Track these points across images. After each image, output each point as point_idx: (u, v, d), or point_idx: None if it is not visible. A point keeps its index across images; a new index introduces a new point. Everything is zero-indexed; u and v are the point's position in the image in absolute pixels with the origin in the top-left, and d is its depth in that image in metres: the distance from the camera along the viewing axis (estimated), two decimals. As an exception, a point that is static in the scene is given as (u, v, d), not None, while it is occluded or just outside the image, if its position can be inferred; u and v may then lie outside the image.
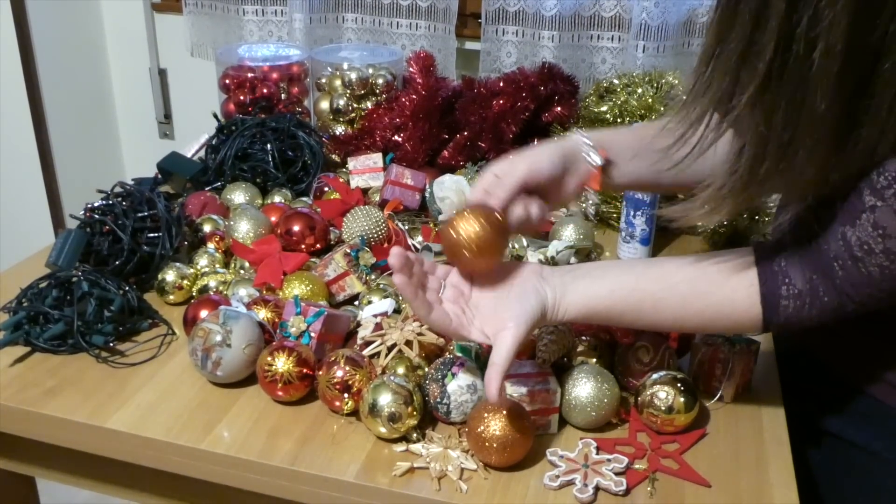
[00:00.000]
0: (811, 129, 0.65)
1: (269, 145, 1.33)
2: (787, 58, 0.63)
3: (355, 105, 1.54)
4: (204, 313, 0.95)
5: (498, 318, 0.78)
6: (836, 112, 0.65)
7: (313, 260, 1.11)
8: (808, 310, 0.75)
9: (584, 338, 0.93)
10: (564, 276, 0.82)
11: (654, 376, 0.86)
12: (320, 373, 0.87)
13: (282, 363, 0.87)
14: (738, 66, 0.66)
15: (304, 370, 0.87)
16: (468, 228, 0.79)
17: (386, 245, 1.15)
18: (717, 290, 0.79)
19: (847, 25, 0.61)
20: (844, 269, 0.72)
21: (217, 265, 1.11)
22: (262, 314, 0.95)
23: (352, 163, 1.37)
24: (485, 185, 0.84)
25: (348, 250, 1.06)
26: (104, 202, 1.10)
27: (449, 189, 1.21)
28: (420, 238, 1.18)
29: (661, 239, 1.24)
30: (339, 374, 0.85)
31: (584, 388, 0.85)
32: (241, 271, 1.10)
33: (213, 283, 1.06)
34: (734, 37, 0.65)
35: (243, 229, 1.14)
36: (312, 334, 0.92)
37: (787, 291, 0.76)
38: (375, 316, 0.98)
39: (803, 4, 0.61)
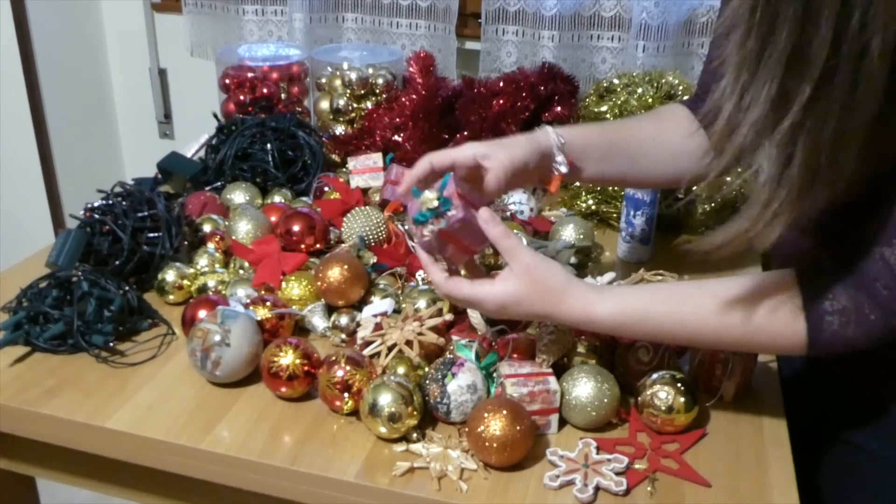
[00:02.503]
0: (862, 132, 0.63)
1: (269, 145, 1.33)
2: (839, 61, 0.60)
3: (355, 105, 1.54)
4: (202, 313, 0.95)
5: None
6: (887, 111, 0.63)
7: (313, 260, 1.11)
8: (853, 328, 0.73)
9: (584, 338, 0.93)
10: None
11: (654, 376, 0.86)
12: (321, 371, 0.87)
13: (288, 357, 0.87)
14: (785, 74, 0.63)
15: (309, 366, 0.88)
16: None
17: (386, 246, 1.15)
18: (759, 306, 0.76)
19: None
20: (888, 289, 0.70)
21: (217, 265, 1.11)
22: (261, 314, 0.95)
23: (352, 163, 1.37)
24: (464, 171, 0.87)
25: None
26: (104, 202, 1.10)
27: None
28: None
29: (662, 239, 1.24)
30: (340, 373, 0.85)
31: (584, 388, 0.85)
32: (241, 271, 1.10)
33: (211, 283, 1.06)
34: (779, 42, 0.62)
35: (243, 229, 1.14)
36: (452, 199, 0.83)
37: (832, 307, 0.73)
38: (375, 316, 0.98)
39: (855, 5, 0.59)
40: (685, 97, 1.35)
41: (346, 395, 0.85)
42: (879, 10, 0.59)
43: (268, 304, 0.97)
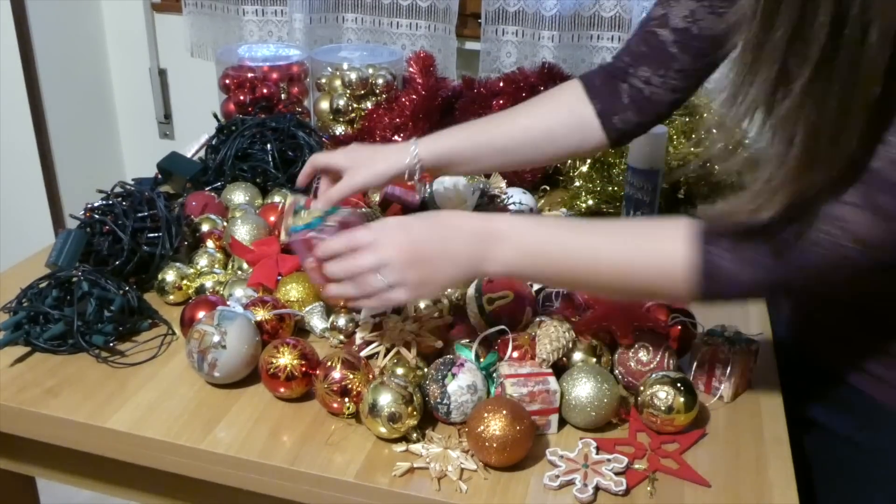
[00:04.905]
0: (864, 113, 0.64)
1: (269, 145, 1.33)
2: (839, 43, 0.61)
3: (355, 105, 1.54)
4: (201, 314, 0.95)
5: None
6: (886, 94, 0.63)
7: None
8: (740, 266, 0.73)
9: (583, 338, 0.93)
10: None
11: (654, 376, 0.86)
12: (317, 376, 0.87)
13: (285, 358, 0.87)
14: (787, 55, 0.64)
15: (307, 367, 0.88)
16: None
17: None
18: (650, 237, 0.78)
19: None
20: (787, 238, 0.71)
21: (216, 265, 1.11)
22: (261, 315, 0.95)
23: (352, 163, 1.37)
24: (323, 165, 1.03)
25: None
26: (104, 202, 1.10)
27: (449, 189, 1.21)
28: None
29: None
30: (337, 376, 0.85)
31: (584, 388, 0.85)
32: (239, 272, 1.10)
33: (209, 284, 1.05)
34: (780, 24, 0.63)
35: (240, 232, 1.14)
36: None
37: (721, 242, 0.73)
38: (374, 316, 0.98)
39: None
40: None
41: (345, 399, 0.85)
42: None
43: (268, 304, 0.97)
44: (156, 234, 1.08)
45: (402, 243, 0.81)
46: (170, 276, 1.06)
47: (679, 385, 0.85)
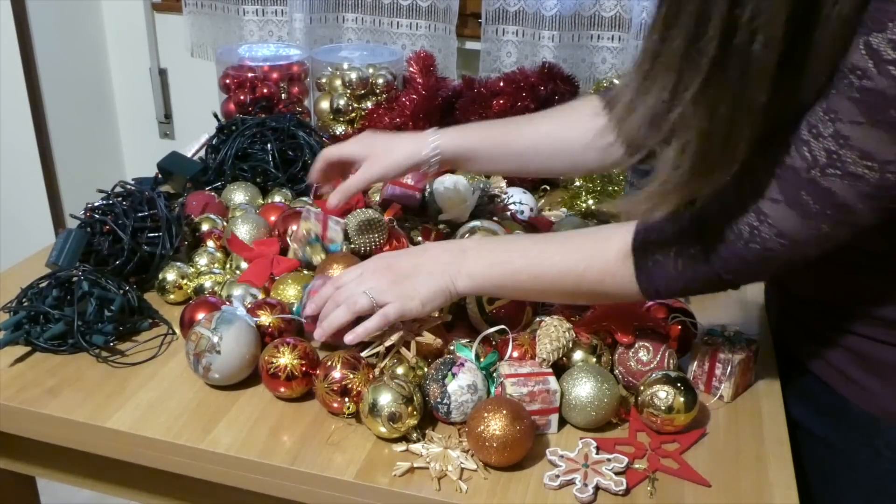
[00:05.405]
0: (753, 118, 0.66)
1: (269, 145, 1.33)
2: (729, 52, 0.64)
3: (355, 105, 1.54)
4: (201, 315, 0.95)
5: None
6: (774, 97, 0.66)
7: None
8: (680, 264, 0.77)
9: (583, 338, 0.93)
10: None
11: (654, 376, 0.86)
12: (317, 376, 0.87)
13: (285, 357, 0.87)
14: (682, 62, 0.66)
15: (307, 366, 0.87)
16: None
17: (387, 248, 1.14)
18: (596, 243, 0.83)
19: (787, 15, 0.62)
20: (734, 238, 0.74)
21: (216, 265, 1.11)
22: (263, 318, 0.94)
23: (352, 163, 1.37)
24: (338, 156, 1.04)
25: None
26: (104, 202, 1.10)
27: (449, 188, 1.21)
28: (420, 238, 1.17)
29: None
30: (337, 376, 0.85)
31: (584, 388, 0.85)
32: (237, 271, 1.10)
33: (208, 284, 1.05)
34: (677, 34, 0.66)
35: (240, 232, 1.14)
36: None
37: (661, 244, 0.78)
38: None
39: (744, 2, 0.62)
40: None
41: (345, 399, 0.85)
42: (765, 7, 0.61)
43: (276, 308, 0.95)
44: (156, 234, 1.08)
45: (380, 267, 0.89)
46: (170, 275, 1.06)
47: (679, 385, 0.85)
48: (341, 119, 1.54)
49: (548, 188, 1.40)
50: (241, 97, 1.57)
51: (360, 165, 1.01)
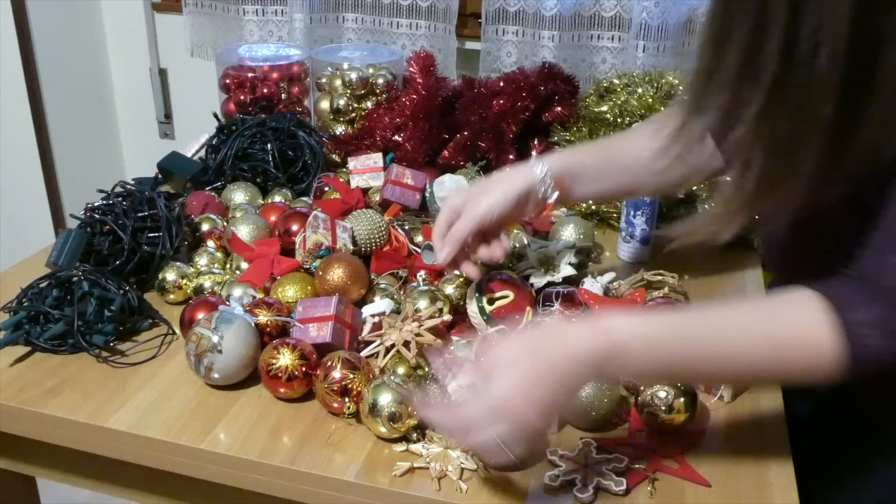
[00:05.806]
0: (819, 135, 0.64)
1: (269, 145, 1.33)
2: (791, 66, 0.61)
3: (355, 105, 1.54)
4: (201, 315, 0.95)
5: None
6: (842, 114, 0.63)
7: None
8: (886, 341, 0.67)
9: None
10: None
11: (654, 376, 0.86)
12: (317, 374, 0.87)
13: (286, 358, 0.87)
14: (739, 80, 0.64)
15: (307, 367, 0.88)
16: None
17: (387, 248, 1.15)
18: (788, 326, 0.70)
19: (849, 23, 0.59)
20: None
21: (216, 265, 1.11)
22: (262, 318, 0.94)
23: (352, 163, 1.37)
24: (447, 220, 0.92)
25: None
26: (104, 202, 1.10)
27: (449, 189, 1.21)
28: (420, 238, 1.18)
29: (662, 239, 1.24)
30: (337, 376, 0.85)
31: (584, 388, 0.85)
32: (237, 271, 1.10)
33: (208, 284, 1.05)
34: (732, 50, 0.63)
35: (240, 232, 1.14)
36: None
37: (864, 320, 0.67)
38: (374, 316, 0.98)
39: (806, 8, 0.60)
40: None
41: (346, 399, 0.85)
42: (826, 18, 0.59)
43: (272, 308, 0.96)
44: (156, 234, 1.08)
45: (520, 408, 0.69)
46: (170, 275, 1.06)
47: (679, 385, 0.85)
48: (341, 119, 1.54)
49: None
50: (241, 97, 1.57)
51: (463, 211, 0.92)
